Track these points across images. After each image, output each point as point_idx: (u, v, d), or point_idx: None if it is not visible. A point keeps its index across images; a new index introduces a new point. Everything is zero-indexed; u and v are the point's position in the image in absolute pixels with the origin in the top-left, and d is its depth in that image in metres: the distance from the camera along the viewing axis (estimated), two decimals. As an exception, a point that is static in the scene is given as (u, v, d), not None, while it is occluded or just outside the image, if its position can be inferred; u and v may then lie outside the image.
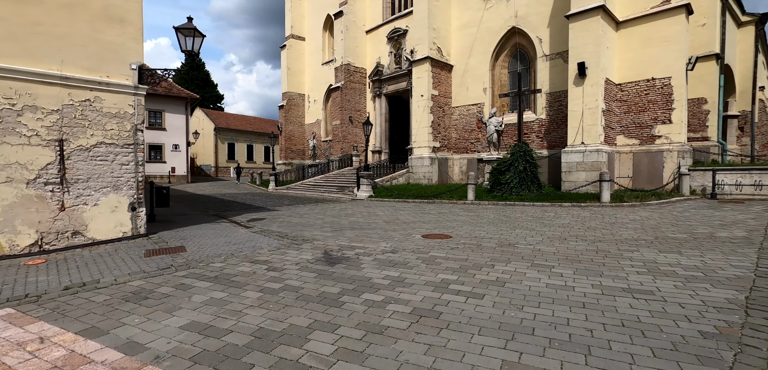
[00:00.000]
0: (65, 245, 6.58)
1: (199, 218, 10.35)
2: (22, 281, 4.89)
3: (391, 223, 9.11)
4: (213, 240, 7.21)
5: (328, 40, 29.09)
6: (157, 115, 29.03)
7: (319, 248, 6.32)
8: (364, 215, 10.68)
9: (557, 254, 5.71)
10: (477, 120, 19.17)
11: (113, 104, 7.02)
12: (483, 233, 7.55)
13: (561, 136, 16.03)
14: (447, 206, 12.88)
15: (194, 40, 7.32)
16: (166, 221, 9.53)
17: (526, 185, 13.42)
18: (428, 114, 18.99)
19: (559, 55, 16.03)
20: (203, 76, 51.74)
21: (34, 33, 6.23)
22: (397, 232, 7.79)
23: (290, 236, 7.54)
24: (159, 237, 7.44)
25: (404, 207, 12.76)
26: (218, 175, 40.56)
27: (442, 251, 5.95)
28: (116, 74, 7.03)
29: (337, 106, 24.96)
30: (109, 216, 7.02)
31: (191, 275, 4.90)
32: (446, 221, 9.18)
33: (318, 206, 13.78)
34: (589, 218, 9.26)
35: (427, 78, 18.89)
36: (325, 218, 10.19)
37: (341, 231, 8.03)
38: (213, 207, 13.32)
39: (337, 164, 24.30)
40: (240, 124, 44.23)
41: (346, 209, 12.37)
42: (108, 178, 7.00)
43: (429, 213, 10.91)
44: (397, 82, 23.16)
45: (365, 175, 16.01)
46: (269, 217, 10.64)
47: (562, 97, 16.02)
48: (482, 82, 18.85)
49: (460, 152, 20.03)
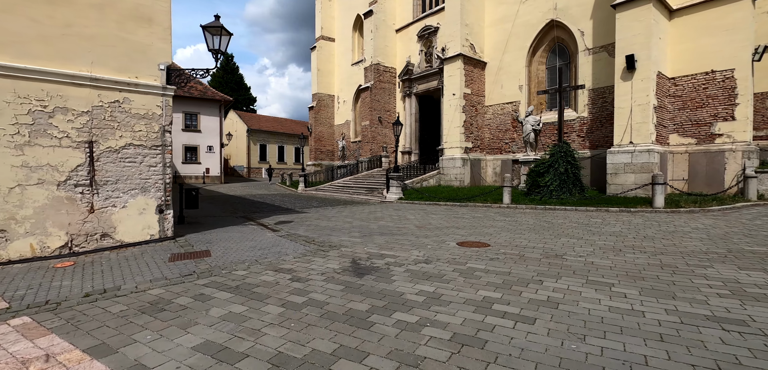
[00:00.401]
0: (94, 247, 6.54)
1: (227, 220, 10.27)
2: (47, 285, 4.79)
3: (422, 228, 8.60)
4: (238, 244, 6.98)
5: (358, 40, 28.90)
6: (193, 117, 29.88)
7: (347, 256, 5.92)
8: (394, 219, 10.23)
9: (614, 268, 5.02)
10: (512, 119, 18.27)
11: (141, 105, 6.95)
12: (524, 241, 6.90)
13: (605, 136, 14.91)
14: (481, 209, 12.21)
15: (221, 38, 7.14)
16: (194, 223, 9.48)
17: (567, 188, 12.51)
18: (460, 113, 18.29)
19: (603, 49, 14.93)
20: (237, 79, 53.13)
21: (65, 34, 6.22)
22: (430, 238, 7.28)
23: (317, 241, 7.20)
24: (185, 240, 7.31)
25: (436, 211, 12.20)
26: (250, 175, 41.40)
27: (480, 262, 5.39)
28: (144, 75, 6.95)
29: (367, 107, 24.67)
30: (136, 218, 6.95)
31: (212, 284, 4.62)
32: (482, 227, 8.57)
33: (346, 208, 13.47)
34: (642, 225, 8.36)
35: (459, 76, 18.20)
36: (353, 222, 9.83)
37: (370, 237, 7.61)
38: (242, 208, 13.31)
39: (365, 165, 24.00)
40: (271, 126, 44.99)
41: (375, 212, 11.97)
42: (136, 180, 6.93)
43: (462, 218, 10.30)
44: (428, 81, 22.56)
45: (395, 177, 15.56)
46: (297, 220, 10.40)
47: (606, 94, 14.91)
48: (518, 80, 17.94)
49: (493, 153, 19.19)
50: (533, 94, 17.74)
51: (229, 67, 52.82)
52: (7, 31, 5.76)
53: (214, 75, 51.43)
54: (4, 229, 5.79)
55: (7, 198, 5.82)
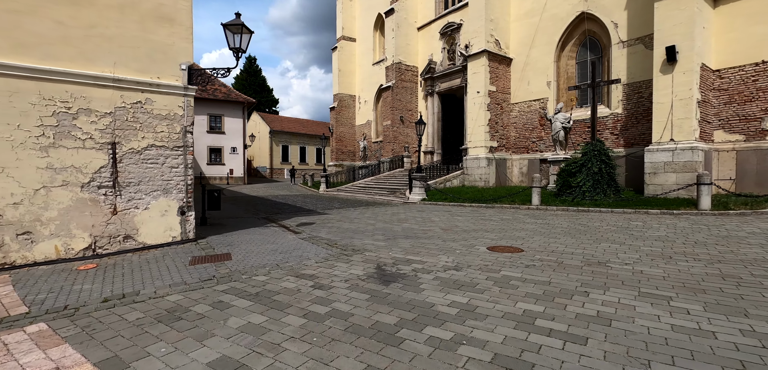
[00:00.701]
0: (117, 249, 6.49)
1: (249, 221, 10.17)
2: (68, 288, 4.71)
3: (449, 231, 8.21)
4: (260, 247, 6.80)
5: (379, 39, 28.67)
6: (217, 119, 30.38)
7: (371, 261, 5.62)
8: (419, 221, 9.87)
9: (668, 278, 4.51)
10: (540, 117, 17.57)
11: (163, 106, 6.87)
12: (560, 245, 6.42)
13: (641, 133, 14.07)
14: (509, 211, 11.69)
15: (242, 36, 6.99)
16: (217, 224, 9.41)
17: (601, 189, 11.82)
18: (485, 112, 17.73)
19: (638, 41, 14.10)
20: (260, 81, 53.93)
21: (88, 35, 6.19)
22: (458, 242, 6.89)
23: (339, 244, 6.93)
24: (207, 242, 7.20)
25: (461, 212, 11.76)
26: (273, 176, 41.87)
27: (515, 269, 4.98)
28: (166, 75, 6.87)
29: (388, 106, 24.38)
30: (159, 220, 6.88)
31: (232, 291, 4.41)
32: (512, 230, 8.10)
33: (369, 209, 13.20)
34: (689, 229, 7.70)
35: (483, 73, 17.65)
36: (376, 224, 9.53)
37: (394, 240, 7.29)
38: (264, 209, 13.25)
39: (387, 166, 23.72)
40: (293, 127, 45.40)
41: (399, 214, 11.64)
42: (158, 181, 6.86)
43: (490, 220, 9.84)
44: (451, 79, 22.06)
45: (418, 177, 15.19)
46: (319, 221, 10.20)
47: (642, 88, 14.07)
48: (545, 76, 17.23)
49: (519, 152, 18.52)
50: (562, 91, 17.00)
51: (251, 69, 53.69)
52: (31, 33, 5.76)
53: (238, 77, 52.41)
54: (29, 231, 5.79)
55: (33, 200, 5.82)
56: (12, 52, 5.64)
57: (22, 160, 5.73)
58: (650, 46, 13.45)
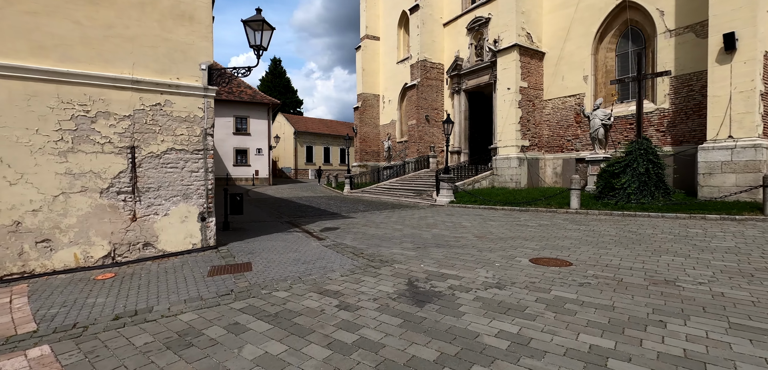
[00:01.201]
0: (136, 257, 6.26)
1: (272, 225, 9.87)
2: (82, 302, 4.44)
3: (483, 238, 7.59)
4: (282, 255, 6.42)
5: (403, 37, 28.11)
6: (243, 120, 30.66)
7: (402, 275, 5.10)
8: (449, 227, 9.28)
9: (759, 303, 3.77)
10: (575, 113, 16.54)
11: (183, 108, 6.60)
12: (614, 258, 5.69)
13: (692, 130, 12.91)
14: (545, 215, 10.90)
15: (263, 33, 6.63)
16: (239, 228, 9.15)
17: (649, 191, 10.83)
18: (516, 109, 16.86)
19: (688, 29, 12.93)
20: (284, 83, 54.46)
21: (107, 36, 5.98)
22: (496, 253, 6.27)
23: (366, 253, 6.45)
24: (228, 250, 6.88)
25: (493, 216, 11.06)
26: (297, 177, 42.07)
27: (568, 288, 4.34)
28: (186, 76, 6.60)
29: (413, 105, 23.79)
30: (178, 227, 6.61)
31: (250, 309, 4.00)
32: (554, 238, 7.39)
33: (395, 212, 12.69)
34: (761, 238, 6.76)
35: (514, 68, 16.78)
36: (404, 230, 9.01)
37: (425, 248, 6.74)
38: (288, 212, 12.98)
39: (412, 166, 23.14)
40: (317, 128, 45.49)
41: (427, 218, 11.07)
42: (178, 186, 6.59)
43: (527, 225, 9.12)
44: (478, 75, 21.24)
45: (445, 179, 14.55)
46: (343, 226, 9.77)
47: (692, 81, 12.89)
48: (582, 70, 16.19)
49: (553, 151, 17.52)
50: (601, 86, 15.92)
51: (276, 71, 54.28)
52: (50, 35, 5.59)
53: (263, 79, 53.10)
54: (48, 238, 5.62)
55: (52, 206, 5.65)
56: (30, 54, 5.47)
57: (41, 165, 5.56)
58: (703, 35, 12.29)
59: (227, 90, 30.68)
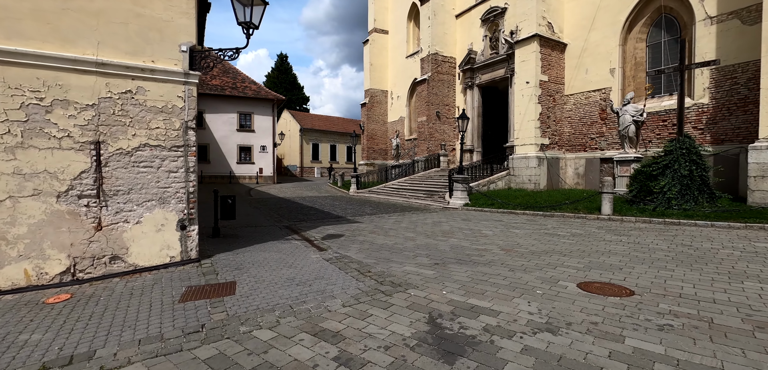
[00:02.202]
0: (102, 272, 5.28)
1: (268, 231, 8.86)
2: (11, 340, 3.46)
3: (511, 252, 6.48)
4: (274, 272, 5.39)
5: (413, 31, 26.95)
6: (247, 117, 29.79)
7: (420, 307, 4.03)
8: (467, 235, 8.18)
9: None
10: (601, 109, 15.28)
11: (159, 96, 5.59)
12: (684, 284, 4.55)
13: (736, 127, 11.64)
14: (575, 222, 9.74)
15: (253, 9, 5.59)
16: (230, 235, 8.15)
17: (691, 195, 9.62)
18: (535, 104, 15.66)
19: (733, 15, 11.63)
20: (291, 79, 53.59)
21: (65, 9, 4.98)
22: (532, 274, 5.17)
23: (374, 271, 5.39)
24: (211, 264, 5.87)
25: (516, 223, 9.93)
26: (303, 175, 41.17)
27: (646, 335, 3.23)
28: (162, 59, 5.59)
29: (423, 101, 22.65)
30: (153, 237, 5.61)
31: (218, 358, 2.98)
32: (596, 252, 6.26)
33: (405, 216, 11.61)
34: None
35: (534, 60, 15.57)
36: (417, 238, 7.93)
37: (445, 266, 5.66)
38: (288, 215, 11.97)
39: (422, 165, 22.03)
40: (324, 125, 44.53)
41: (441, 223, 9.98)
42: (153, 189, 5.59)
43: (557, 235, 7.99)
44: (493, 69, 20.04)
45: (460, 180, 13.43)
46: (348, 233, 8.72)
47: (737, 73, 11.61)
48: (608, 62, 14.93)
49: (574, 150, 16.29)
50: (629, 79, 14.64)
51: (282, 67, 53.43)
52: (-8, 5, 4.61)
53: (268, 75, 52.29)
54: (-9, 252, 4.65)
55: (-4, 213, 4.68)
56: (-32, 29, 4.50)
57: (-19, 164, 4.59)
58: (750, 21, 11.02)
59: (231, 85, 29.84)
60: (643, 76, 14.32)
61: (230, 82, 30.01)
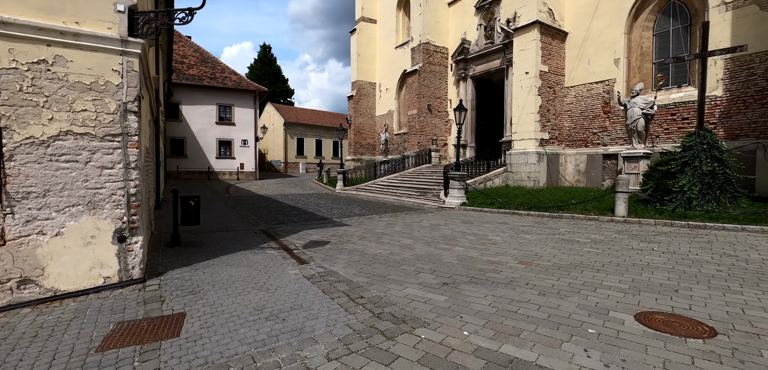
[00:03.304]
0: (7, 301, 3.97)
1: (241, 237, 7.58)
2: None
3: (531, 266, 5.40)
4: (238, 298, 4.17)
5: (403, 20, 25.73)
6: (227, 109, 28.13)
7: (439, 363, 2.88)
8: (473, 242, 7.08)
9: None
10: (604, 102, 14.40)
11: (86, 69, 4.28)
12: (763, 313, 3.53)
13: (751, 121, 10.87)
14: (588, 225, 8.76)
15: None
16: (194, 243, 6.86)
17: (713, 195, 8.76)
18: (535, 96, 14.68)
19: (750, 1, 10.81)
20: (274, 71, 51.67)
21: (-55, -56, 3.64)
22: (569, 299, 4.08)
23: (368, 297, 4.22)
24: (160, 286, 4.60)
25: (522, 225, 8.89)
26: (288, 171, 39.61)
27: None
28: (90, 20, 4.28)
29: (414, 93, 21.51)
30: (80, 253, 4.32)
31: None
32: (632, 267, 5.23)
33: (398, 217, 10.47)
34: None
35: (534, 49, 14.57)
36: (415, 246, 6.79)
37: (456, 287, 4.53)
38: (267, 216, 10.68)
39: (412, 161, 20.92)
40: (309, 119, 42.94)
41: (440, 226, 8.87)
42: (79, 190, 4.29)
43: (576, 242, 6.96)
44: (488, 60, 19.03)
45: (456, 177, 12.34)
46: (334, 239, 7.52)
47: (754, 63, 10.82)
48: (612, 52, 14.04)
49: (575, 146, 15.40)
50: (634, 70, 13.78)
51: (266, 58, 51.47)
52: None
53: (251, 66, 50.30)
54: None
55: None
56: None
57: None
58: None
59: (210, 75, 28.10)
60: (650, 66, 13.48)
61: (208, 72, 28.28)
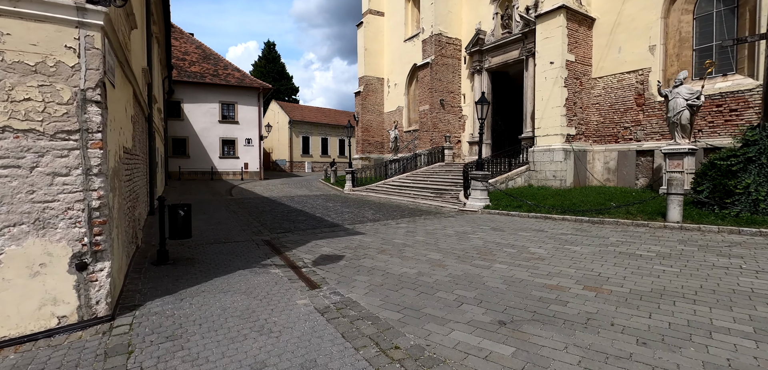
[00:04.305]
0: None
1: (240, 250, 6.54)
2: None
3: (600, 292, 4.29)
4: (231, 346, 3.12)
5: (412, 12, 24.57)
6: (230, 107, 27.20)
7: None
8: (514, 256, 5.98)
9: None
10: (636, 94, 13.19)
11: (30, 46, 3.25)
12: None
13: (815, 112, 9.61)
14: (640, 232, 7.62)
15: None
16: (184, 260, 5.83)
17: (783, 197, 7.58)
18: (560, 88, 13.51)
19: (814, -25, 9.58)
20: (279, 69, 50.73)
21: None
22: (682, 352, 2.98)
23: (405, 347, 3.15)
24: (131, 327, 3.56)
25: (562, 232, 7.77)
26: (293, 170, 38.67)
27: None
28: (35, -21, 3.24)
29: (426, 88, 20.38)
30: (25, 286, 3.29)
31: None
32: (725, 291, 4.12)
33: (417, 224, 9.39)
34: None
35: (560, 37, 13.40)
36: (447, 263, 5.70)
37: (518, 327, 3.44)
38: (271, 222, 9.65)
39: (424, 159, 19.82)
40: (315, 117, 41.94)
41: (467, 234, 7.78)
42: (22, 205, 3.27)
43: (639, 255, 5.84)
44: (505, 51, 17.85)
45: (479, 177, 11.22)
46: (349, 252, 6.46)
47: (817, 46, 9.57)
48: (647, 38, 12.82)
49: (604, 142, 14.21)
50: (672, 58, 12.56)
51: (270, 55, 50.55)
52: None
53: (255, 64, 49.41)
54: None
55: None
56: None
57: None
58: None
59: (212, 72, 27.17)
60: (690, 53, 12.26)
61: (211, 69, 27.36)
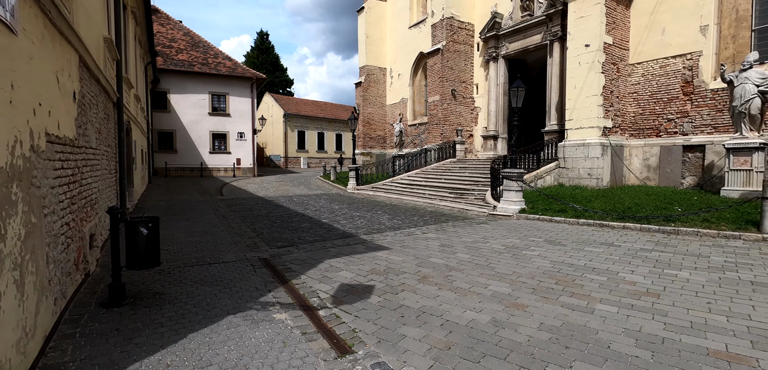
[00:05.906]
0: None
1: (228, 277, 4.81)
2: None
3: (810, 367, 2.66)
4: None
5: (417, -4, 22.83)
6: (221, 99, 25.26)
7: None
8: (614, 290, 4.35)
9: None
10: (683, 81, 11.63)
11: None
12: None
13: None
14: (737, 246, 6.03)
15: None
16: (148, 295, 4.10)
17: None
18: (597, 74, 11.92)
19: None
20: (272, 60, 48.64)
21: None
22: None
23: None
24: None
25: (636, 247, 6.16)
26: (288, 166, 36.80)
27: None
28: None
29: (436, 77, 18.69)
30: None
31: None
32: None
33: (447, 232, 7.73)
34: None
35: (597, 15, 11.79)
36: (524, 300, 4.06)
37: None
38: (268, 231, 7.92)
39: (434, 155, 18.16)
40: (311, 110, 40.05)
41: (521, 250, 6.14)
42: None
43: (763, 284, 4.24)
44: (525, 36, 16.21)
45: (514, 175, 9.57)
46: (379, 280, 4.78)
47: None
48: (696, 17, 11.26)
49: (643, 135, 12.66)
50: (727, 40, 11.01)
51: (263, 45, 48.42)
52: None
53: (248, 55, 47.29)
54: None
55: None
56: None
57: None
58: None
59: (201, 60, 25.18)
60: (748, 35, 10.72)
61: (200, 57, 25.37)
